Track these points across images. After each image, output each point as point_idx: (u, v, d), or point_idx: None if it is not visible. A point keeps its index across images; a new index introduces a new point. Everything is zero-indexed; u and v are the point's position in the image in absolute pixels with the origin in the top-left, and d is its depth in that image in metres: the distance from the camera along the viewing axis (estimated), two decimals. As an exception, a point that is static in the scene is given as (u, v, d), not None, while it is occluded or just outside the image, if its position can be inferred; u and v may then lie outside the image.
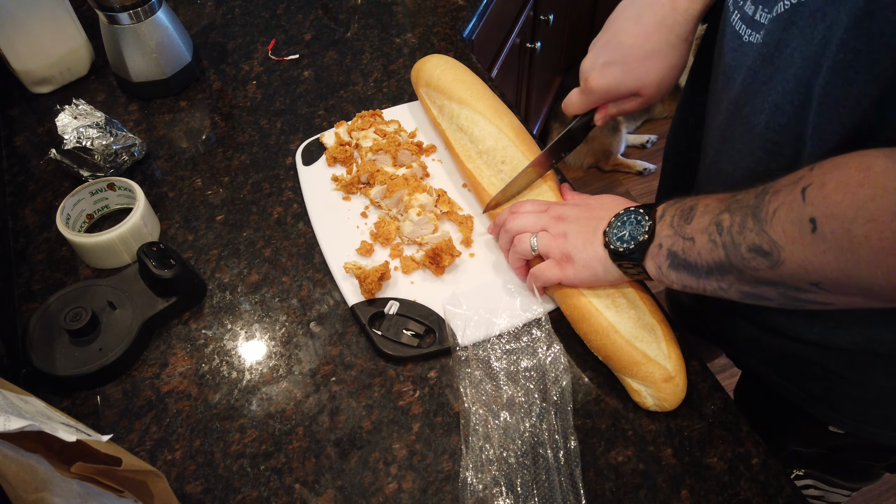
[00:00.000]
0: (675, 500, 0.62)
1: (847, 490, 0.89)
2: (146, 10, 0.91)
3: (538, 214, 0.70)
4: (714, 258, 0.55)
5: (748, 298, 0.56)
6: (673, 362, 0.65)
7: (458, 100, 0.84)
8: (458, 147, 0.83)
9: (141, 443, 0.67)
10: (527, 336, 0.70)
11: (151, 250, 0.73)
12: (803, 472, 0.87)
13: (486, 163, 0.80)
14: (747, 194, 0.53)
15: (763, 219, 0.50)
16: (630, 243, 0.62)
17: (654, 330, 0.66)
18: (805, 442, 0.83)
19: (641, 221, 0.62)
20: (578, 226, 0.67)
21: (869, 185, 0.44)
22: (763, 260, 0.51)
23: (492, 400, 0.66)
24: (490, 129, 0.80)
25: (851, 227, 0.44)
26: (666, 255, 0.59)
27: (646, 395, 0.65)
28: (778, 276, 0.51)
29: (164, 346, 0.74)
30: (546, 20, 1.68)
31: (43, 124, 0.96)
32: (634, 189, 2.29)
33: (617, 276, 0.65)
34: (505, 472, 0.62)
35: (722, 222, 0.54)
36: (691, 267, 0.58)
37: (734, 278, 0.55)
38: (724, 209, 0.55)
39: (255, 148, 0.92)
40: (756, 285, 0.54)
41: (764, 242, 0.50)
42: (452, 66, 0.89)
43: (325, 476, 0.64)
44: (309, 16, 1.11)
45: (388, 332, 0.71)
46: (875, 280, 0.45)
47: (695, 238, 0.56)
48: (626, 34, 0.68)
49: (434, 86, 0.87)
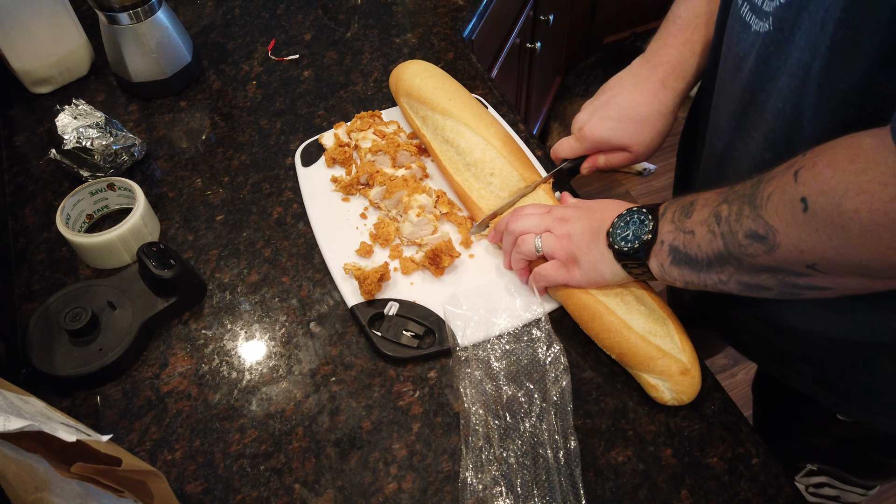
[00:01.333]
0: (675, 500, 0.62)
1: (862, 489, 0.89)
2: (146, 10, 0.91)
3: (541, 216, 0.71)
4: (713, 249, 0.56)
5: (748, 290, 0.57)
6: (687, 354, 0.65)
7: (440, 110, 0.82)
8: (444, 160, 0.82)
9: (141, 443, 0.67)
10: (527, 336, 0.70)
11: (151, 250, 0.73)
12: (817, 467, 0.88)
13: (474, 175, 0.79)
14: (744, 185, 0.54)
15: (759, 205, 0.51)
16: (634, 242, 0.62)
17: (666, 324, 0.67)
18: (817, 432, 0.83)
19: (645, 221, 0.62)
20: (582, 227, 0.68)
21: (859, 160, 0.45)
22: (760, 245, 0.52)
23: (492, 400, 0.66)
24: (476, 141, 0.79)
25: (841, 201, 0.45)
26: (668, 252, 0.60)
27: (663, 390, 0.65)
28: (774, 260, 0.52)
29: (164, 346, 0.74)
30: (546, 20, 1.68)
31: (43, 124, 0.96)
32: (634, 189, 2.29)
33: (622, 276, 0.66)
34: (505, 472, 0.62)
35: (720, 213, 0.55)
36: (692, 261, 0.58)
37: (733, 269, 0.56)
38: (722, 201, 0.56)
39: (255, 148, 0.92)
40: (754, 274, 0.55)
41: (760, 227, 0.51)
42: (432, 74, 0.87)
43: (324, 476, 0.64)
44: (309, 16, 1.11)
45: (388, 334, 0.71)
46: (867, 255, 0.46)
47: (695, 231, 0.58)
48: (622, 98, 0.76)
49: (415, 96, 0.85)
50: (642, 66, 0.77)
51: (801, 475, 0.88)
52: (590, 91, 2.14)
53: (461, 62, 1.02)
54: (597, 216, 0.68)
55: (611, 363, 0.70)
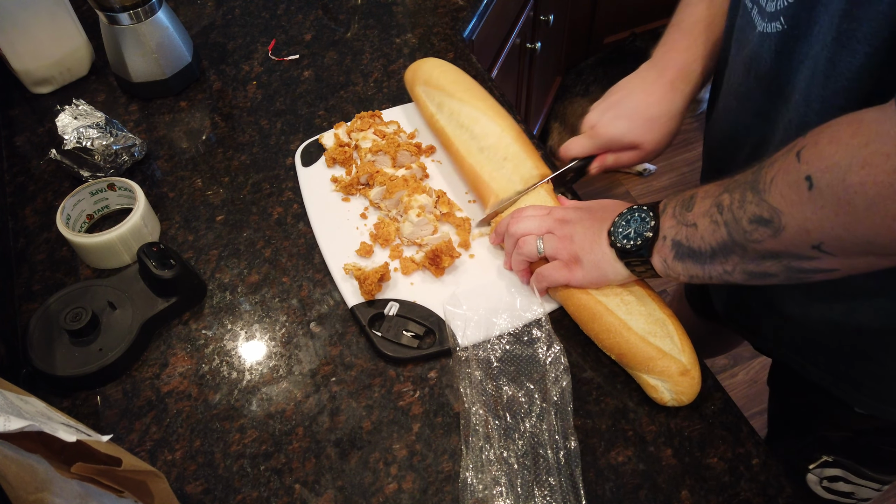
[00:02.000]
0: (675, 500, 0.62)
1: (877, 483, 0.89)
2: (146, 10, 0.91)
3: (542, 217, 0.71)
4: (717, 239, 0.56)
5: (753, 279, 0.57)
6: (687, 355, 0.65)
7: (458, 98, 0.84)
8: (458, 143, 0.82)
9: (141, 443, 0.67)
10: (527, 336, 0.70)
11: (151, 250, 0.73)
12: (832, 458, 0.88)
13: (487, 158, 0.80)
14: (744, 174, 0.55)
15: (762, 189, 0.51)
16: (636, 240, 0.63)
17: (666, 324, 0.67)
18: (831, 425, 0.83)
19: (646, 218, 0.63)
20: (583, 227, 0.68)
21: (861, 133, 0.45)
22: (765, 229, 0.52)
23: (492, 400, 0.66)
24: (492, 127, 0.81)
25: (846, 175, 0.45)
26: (671, 247, 0.61)
27: (663, 391, 0.65)
28: (780, 244, 0.52)
29: (164, 346, 0.74)
30: (546, 20, 1.68)
31: (43, 124, 0.96)
32: (634, 189, 2.29)
33: (625, 275, 0.66)
34: (505, 472, 0.62)
35: (722, 202, 0.55)
36: (695, 254, 0.59)
37: (738, 258, 0.56)
38: (723, 191, 0.56)
39: (256, 148, 0.92)
40: (760, 261, 0.55)
41: (764, 211, 0.51)
42: (451, 70, 0.89)
43: (325, 476, 0.64)
44: (309, 16, 1.11)
45: (388, 334, 0.71)
46: (874, 230, 0.46)
47: (697, 223, 0.58)
48: (633, 98, 0.77)
49: (433, 84, 0.87)
50: (650, 69, 0.78)
51: (815, 465, 0.88)
52: (590, 91, 2.14)
53: (461, 62, 1.01)
54: (597, 216, 0.68)
55: (611, 363, 0.70)
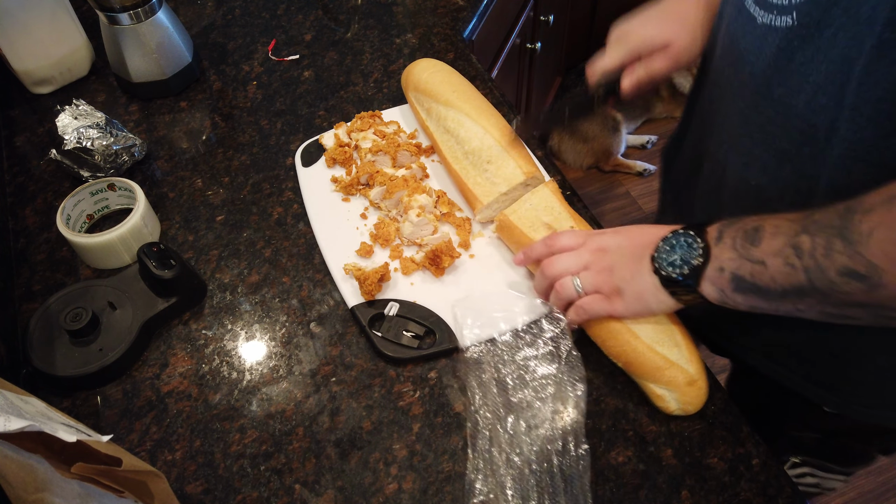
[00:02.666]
0: (676, 500, 0.62)
1: (842, 475, 0.89)
2: (146, 10, 0.91)
3: (577, 254, 0.67)
4: (792, 282, 0.53)
5: (830, 318, 0.55)
6: (694, 365, 0.64)
7: (444, 102, 0.84)
8: (445, 149, 0.83)
9: (141, 443, 0.67)
10: (537, 337, 0.70)
11: (151, 250, 0.73)
12: (800, 459, 0.88)
13: (471, 164, 0.80)
14: (826, 213, 0.51)
15: (855, 240, 0.48)
16: (683, 268, 0.59)
17: (673, 334, 0.66)
18: (802, 425, 0.83)
19: (693, 244, 0.59)
20: (622, 256, 0.64)
21: None
22: (858, 284, 0.49)
23: (499, 403, 0.66)
24: (475, 130, 0.80)
25: None
26: (730, 279, 0.57)
27: (669, 400, 0.64)
28: (874, 298, 0.49)
29: (165, 346, 0.74)
30: (546, 20, 1.68)
31: (43, 125, 0.96)
32: (634, 190, 2.29)
33: (669, 305, 0.62)
34: (511, 475, 0.62)
35: (801, 245, 0.52)
36: (762, 291, 0.56)
37: (816, 301, 0.53)
38: (800, 231, 0.52)
39: (256, 148, 0.92)
40: (844, 307, 0.52)
41: (859, 266, 0.48)
42: (440, 70, 0.88)
43: (325, 476, 0.64)
44: (309, 16, 1.11)
45: (388, 334, 0.71)
46: None
47: (766, 261, 0.54)
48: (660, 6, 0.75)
49: (422, 89, 0.87)
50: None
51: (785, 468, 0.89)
52: (590, 91, 2.13)
53: (461, 62, 1.02)
54: (637, 242, 0.64)
55: (611, 364, 0.69)
